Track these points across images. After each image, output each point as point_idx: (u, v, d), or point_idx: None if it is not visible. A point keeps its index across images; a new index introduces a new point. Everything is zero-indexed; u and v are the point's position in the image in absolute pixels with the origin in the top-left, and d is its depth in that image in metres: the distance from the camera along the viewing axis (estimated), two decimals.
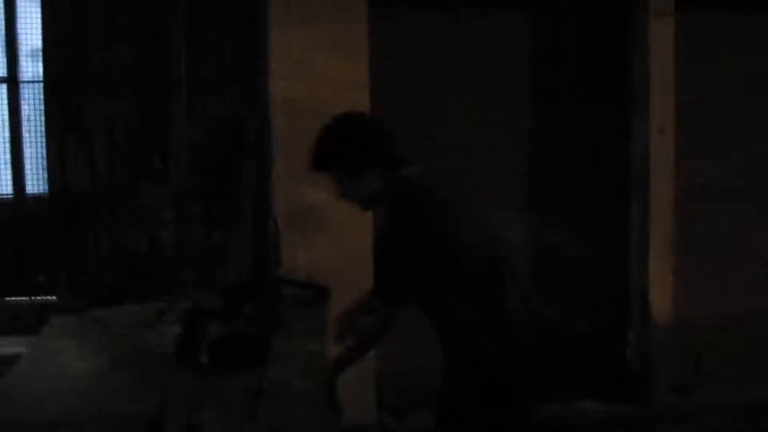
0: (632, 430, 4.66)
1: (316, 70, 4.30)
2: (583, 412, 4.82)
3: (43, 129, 4.46)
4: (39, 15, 4.26)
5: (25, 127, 4.61)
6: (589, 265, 4.86)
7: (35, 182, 4.64)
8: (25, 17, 4.47)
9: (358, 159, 2.57)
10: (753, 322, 5.12)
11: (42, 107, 4.41)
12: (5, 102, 4.53)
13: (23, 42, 4.53)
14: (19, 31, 4.48)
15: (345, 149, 2.60)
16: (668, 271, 4.85)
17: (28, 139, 4.61)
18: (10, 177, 4.58)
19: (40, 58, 4.31)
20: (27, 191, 4.63)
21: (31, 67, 4.55)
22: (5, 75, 4.51)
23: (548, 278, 4.83)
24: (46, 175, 4.51)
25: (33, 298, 4.53)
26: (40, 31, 4.26)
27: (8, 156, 4.58)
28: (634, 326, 4.90)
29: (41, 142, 4.55)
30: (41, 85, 4.37)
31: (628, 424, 4.69)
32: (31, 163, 4.59)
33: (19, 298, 4.52)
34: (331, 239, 4.35)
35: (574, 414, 4.80)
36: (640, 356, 4.91)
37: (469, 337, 2.56)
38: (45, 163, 4.46)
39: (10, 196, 4.62)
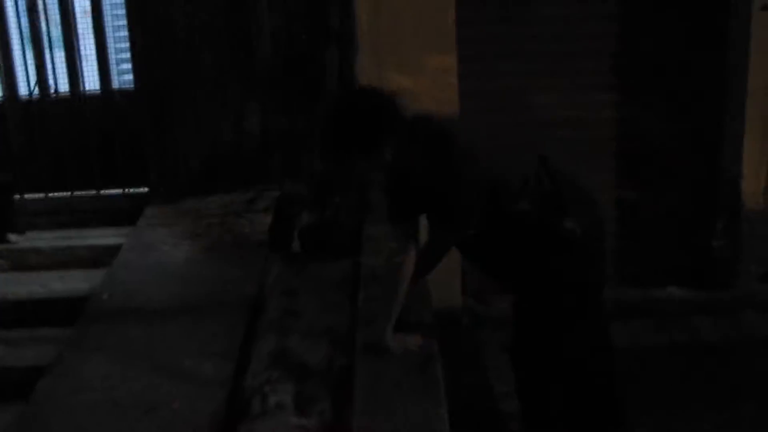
0: (717, 316, 4.58)
1: None
2: (667, 298, 4.76)
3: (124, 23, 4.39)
4: None
5: (108, 21, 4.56)
6: (681, 149, 4.68)
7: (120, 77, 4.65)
8: None
9: (372, 140, 2.49)
10: None
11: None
12: None
13: None
14: None
15: (360, 133, 2.48)
16: (763, 157, 4.65)
17: (110, 34, 4.57)
18: (96, 73, 4.56)
19: None
20: (113, 86, 4.62)
21: None
22: None
23: (637, 161, 4.70)
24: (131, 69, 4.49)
25: (126, 190, 4.58)
26: None
27: (93, 51, 4.54)
28: (724, 213, 4.74)
29: (122, 36, 4.50)
30: None
31: (713, 311, 4.61)
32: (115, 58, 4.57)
33: (113, 191, 4.58)
34: None
35: (657, 299, 4.75)
36: (728, 244, 4.77)
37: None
38: (129, 56, 4.42)
39: (98, 91, 4.62)
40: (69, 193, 4.60)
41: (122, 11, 4.41)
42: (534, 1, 4.48)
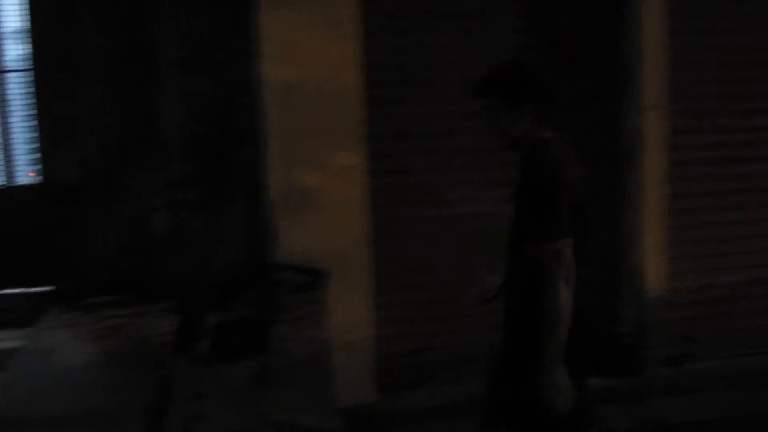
0: (627, 402, 4.65)
1: (308, 52, 4.22)
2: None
3: (30, 118, 4.34)
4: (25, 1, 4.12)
5: (12, 116, 4.50)
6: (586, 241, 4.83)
7: (26, 172, 4.55)
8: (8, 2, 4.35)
9: (522, 91, 2.73)
10: (744, 294, 5.15)
11: (30, 95, 4.28)
12: None
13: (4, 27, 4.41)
14: (2, 18, 4.34)
15: (515, 79, 2.76)
16: (662, 245, 4.84)
17: (16, 128, 4.50)
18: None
19: (27, 45, 4.17)
20: (17, 181, 4.52)
21: (17, 54, 4.44)
22: None
23: None
24: (36, 165, 4.40)
25: (28, 289, 4.43)
26: (25, 16, 4.12)
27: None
28: (629, 300, 4.88)
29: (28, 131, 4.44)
30: (29, 73, 4.24)
31: (623, 397, 4.68)
32: (20, 153, 4.49)
33: (14, 290, 4.42)
34: (327, 222, 4.31)
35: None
36: (634, 330, 4.90)
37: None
38: (35, 152, 4.34)
39: (1, 186, 4.51)
40: None
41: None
42: (440, 98, 4.61)
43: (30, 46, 4.14)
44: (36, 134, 4.25)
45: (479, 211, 4.67)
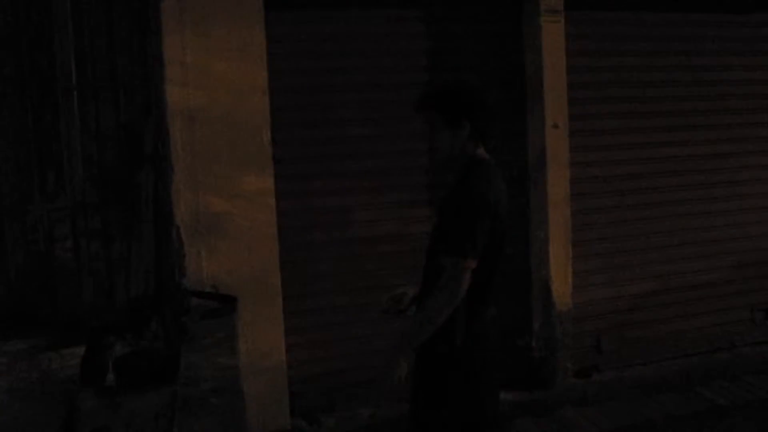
0: (539, 415, 4.74)
1: (213, 76, 4.19)
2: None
3: None
4: None
5: None
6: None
7: None
8: None
9: (460, 109, 2.78)
10: (646, 304, 5.37)
11: None
12: None
13: None
14: None
15: (454, 96, 2.81)
16: (568, 259, 4.99)
17: None
18: None
19: None
20: None
21: None
22: None
23: None
24: None
25: None
26: None
27: None
28: (538, 315, 5.00)
29: None
30: None
31: (534, 410, 4.78)
32: None
33: None
34: (235, 247, 4.27)
35: None
36: (544, 344, 5.01)
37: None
38: None
39: None
40: None
41: None
42: (347, 121, 4.65)
43: None
44: None
45: (389, 232, 4.73)
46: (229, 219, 4.22)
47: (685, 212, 5.42)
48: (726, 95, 5.47)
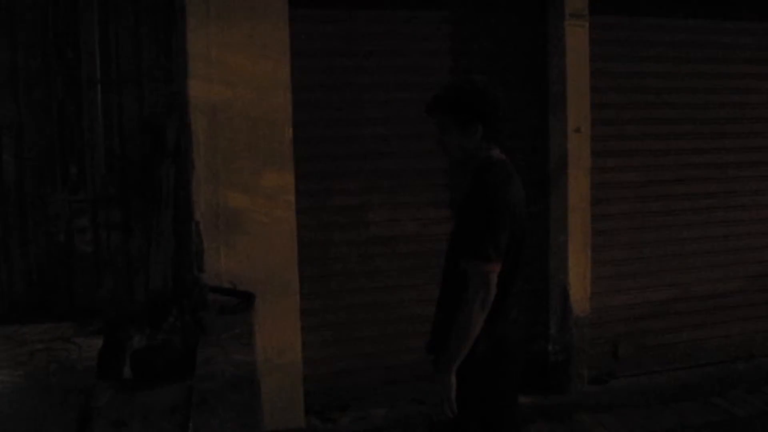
0: (553, 420, 4.73)
1: (236, 71, 4.22)
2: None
3: None
4: None
5: None
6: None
7: None
8: None
9: (472, 109, 2.74)
10: (664, 312, 5.34)
11: None
12: None
13: None
14: None
15: (466, 96, 2.77)
16: (587, 265, 4.97)
17: None
18: None
19: None
20: None
21: None
22: None
23: None
24: None
25: None
26: None
27: None
28: (555, 319, 4.99)
29: None
30: None
31: (549, 415, 4.77)
32: None
33: None
34: (254, 244, 4.29)
35: None
36: (561, 349, 5.00)
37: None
38: None
39: None
40: None
41: None
42: (369, 120, 4.66)
43: None
44: None
45: (405, 232, 4.74)
46: (249, 215, 4.24)
47: (706, 220, 5.40)
48: (751, 104, 5.45)
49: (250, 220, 4.26)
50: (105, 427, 3.24)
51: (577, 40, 4.79)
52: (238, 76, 4.21)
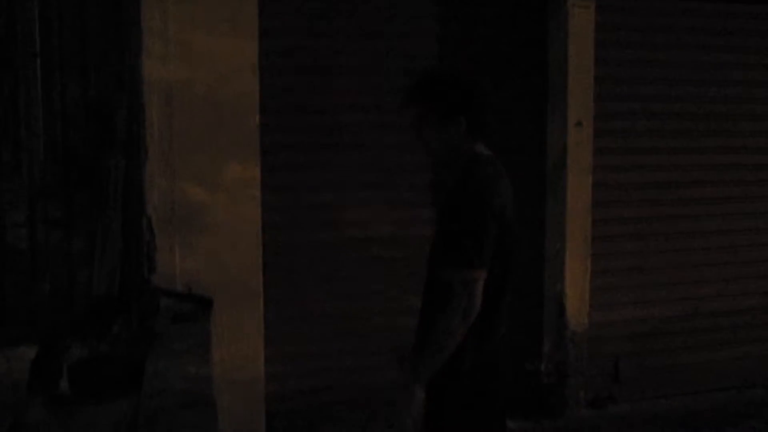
0: None
1: (198, 51, 4.17)
2: None
3: None
4: None
5: None
6: None
7: None
8: None
9: (454, 101, 2.72)
10: (671, 330, 5.34)
11: None
12: None
13: None
14: None
15: (446, 87, 2.75)
16: (585, 275, 4.97)
17: None
18: None
19: None
20: None
21: None
22: None
23: None
24: None
25: None
26: None
27: None
28: (550, 335, 4.98)
29: None
30: None
31: None
32: None
33: None
34: (214, 243, 4.25)
35: None
36: (555, 369, 4.99)
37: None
38: None
39: None
40: None
41: None
42: (345, 108, 4.62)
43: None
44: None
45: (382, 234, 4.71)
46: (209, 212, 4.20)
47: (720, 228, 5.40)
48: None
49: (210, 216, 4.21)
50: None
51: (580, 24, 4.78)
52: (199, 56, 4.16)
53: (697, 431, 4.91)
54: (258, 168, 4.30)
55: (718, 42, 5.26)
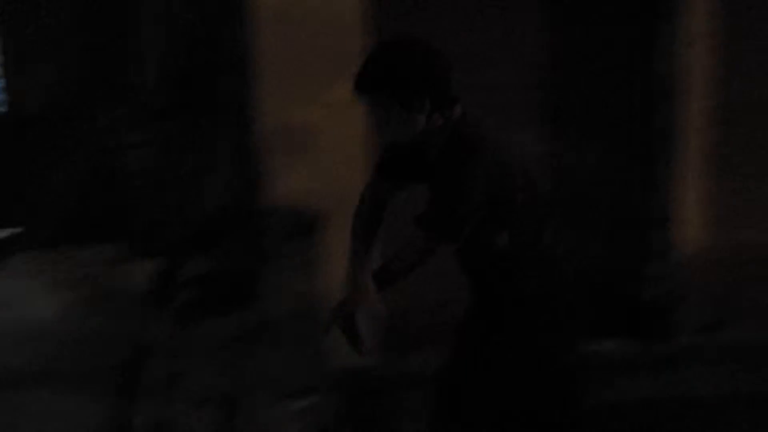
0: (648, 371, 4.70)
1: None
2: (598, 354, 4.86)
3: None
4: None
5: None
6: (609, 190, 4.81)
7: None
8: None
9: (417, 84, 2.42)
10: None
11: None
12: None
13: None
14: None
15: (403, 70, 2.43)
16: (697, 195, 4.84)
17: None
18: None
19: None
20: None
21: None
22: None
23: (560, 204, 4.81)
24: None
25: None
26: None
27: None
28: (657, 258, 4.90)
29: None
30: None
31: (647, 367, 4.74)
32: None
33: None
34: (323, 163, 4.31)
35: (588, 356, 4.84)
36: (662, 292, 4.93)
37: (514, 272, 2.61)
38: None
39: None
40: None
41: None
42: (455, 24, 4.57)
43: None
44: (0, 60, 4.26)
45: None
46: (317, 131, 4.25)
47: None
48: None
49: (319, 136, 4.27)
50: (158, 355, 3.39)
51: None
52: None
53: None
54: None
55: None
